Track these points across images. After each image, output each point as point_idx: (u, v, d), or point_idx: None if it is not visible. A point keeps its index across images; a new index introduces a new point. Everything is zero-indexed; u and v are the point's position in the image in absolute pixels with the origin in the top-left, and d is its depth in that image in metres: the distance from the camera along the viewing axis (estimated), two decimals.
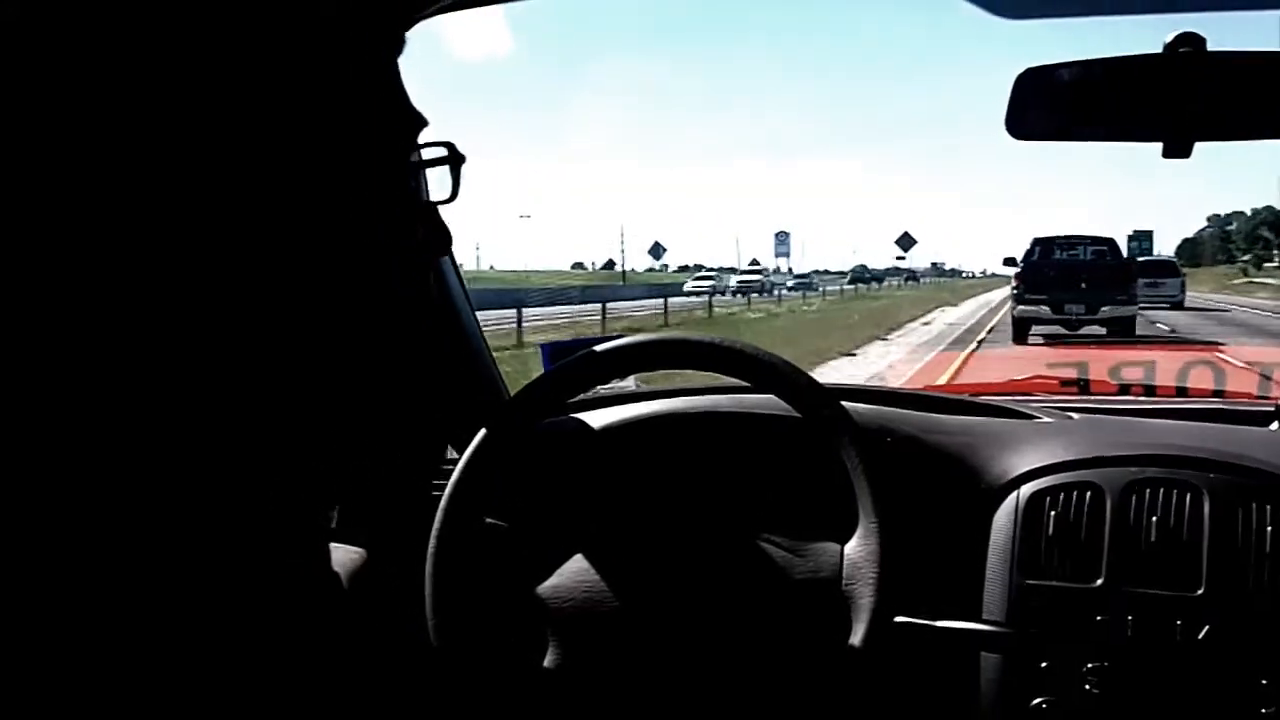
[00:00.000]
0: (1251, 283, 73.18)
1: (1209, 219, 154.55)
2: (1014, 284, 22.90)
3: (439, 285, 1.73)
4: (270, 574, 0.74)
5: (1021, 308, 22.31)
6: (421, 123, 0.81)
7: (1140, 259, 37.34)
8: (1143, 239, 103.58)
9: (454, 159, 0.86)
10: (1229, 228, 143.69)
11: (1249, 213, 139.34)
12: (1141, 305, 25.93)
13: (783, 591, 1.34)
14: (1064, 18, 1.54)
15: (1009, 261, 23.85)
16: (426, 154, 0.86)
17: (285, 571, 0.76)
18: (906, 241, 68.93)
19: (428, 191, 0.87)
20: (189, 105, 0.63)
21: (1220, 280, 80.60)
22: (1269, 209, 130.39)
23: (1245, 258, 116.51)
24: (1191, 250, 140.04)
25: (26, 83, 0.61)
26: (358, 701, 0.87)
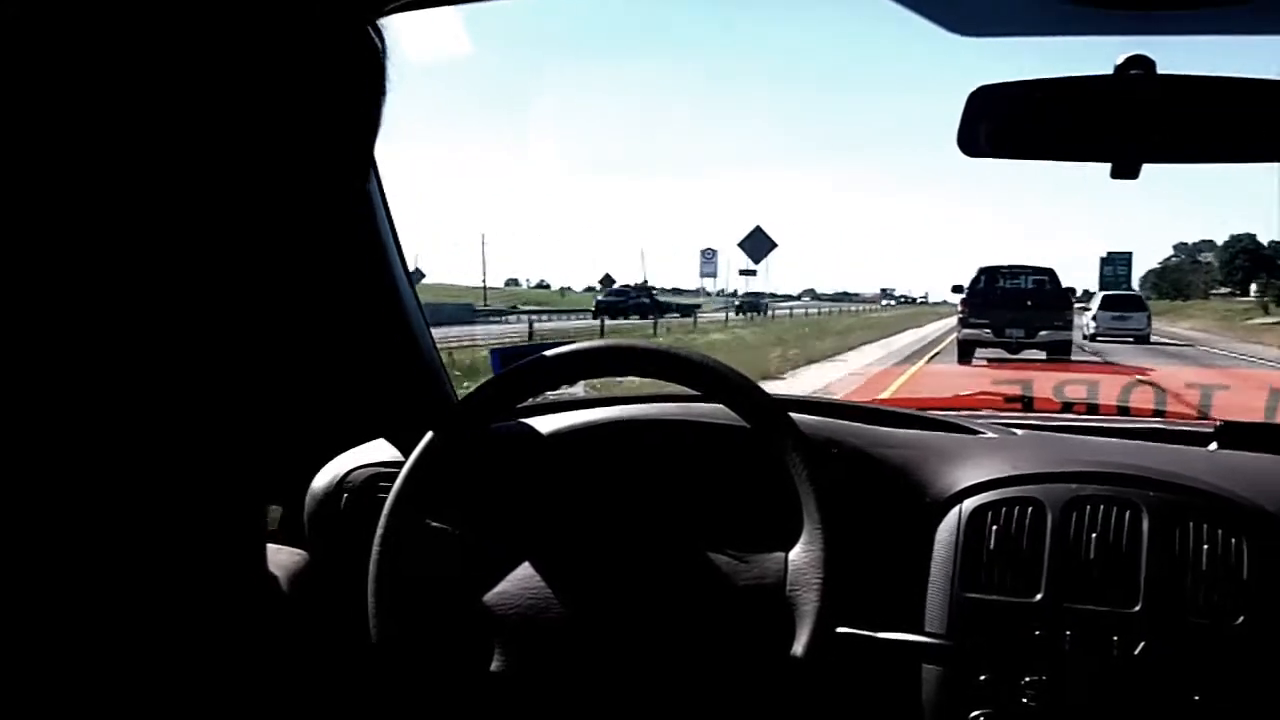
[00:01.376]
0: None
1: (1175, 247, 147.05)
2: (960, 309, 24.84)
3: (388, 289, 1.72)
4: (206, 574, 0.73)
5: (966, 331, 24.22)
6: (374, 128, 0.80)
7: (1106, 292, 37.64)
8: (1118, 263, 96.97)
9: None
10: (1202, 257, 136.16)
11: (1219, 242, 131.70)
12: (1108, 339, 29.25)
13: (727, 598, 1.34)
14: (1019, 36, 1.56)
15: (956, 289, 25.91)
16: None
17: (222, 572, 0.75)
18: (758, 244, 42.77)
19: (369, 190, 0.87)
20: (156, 103, 0.63)
21: (1222, 317, 60.31)
22: (1249, 236, 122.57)
23: (1223, 289, 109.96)
24: (1168, 280, 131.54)
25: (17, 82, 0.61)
26: (299, 703, 0.86)
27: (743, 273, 51.49)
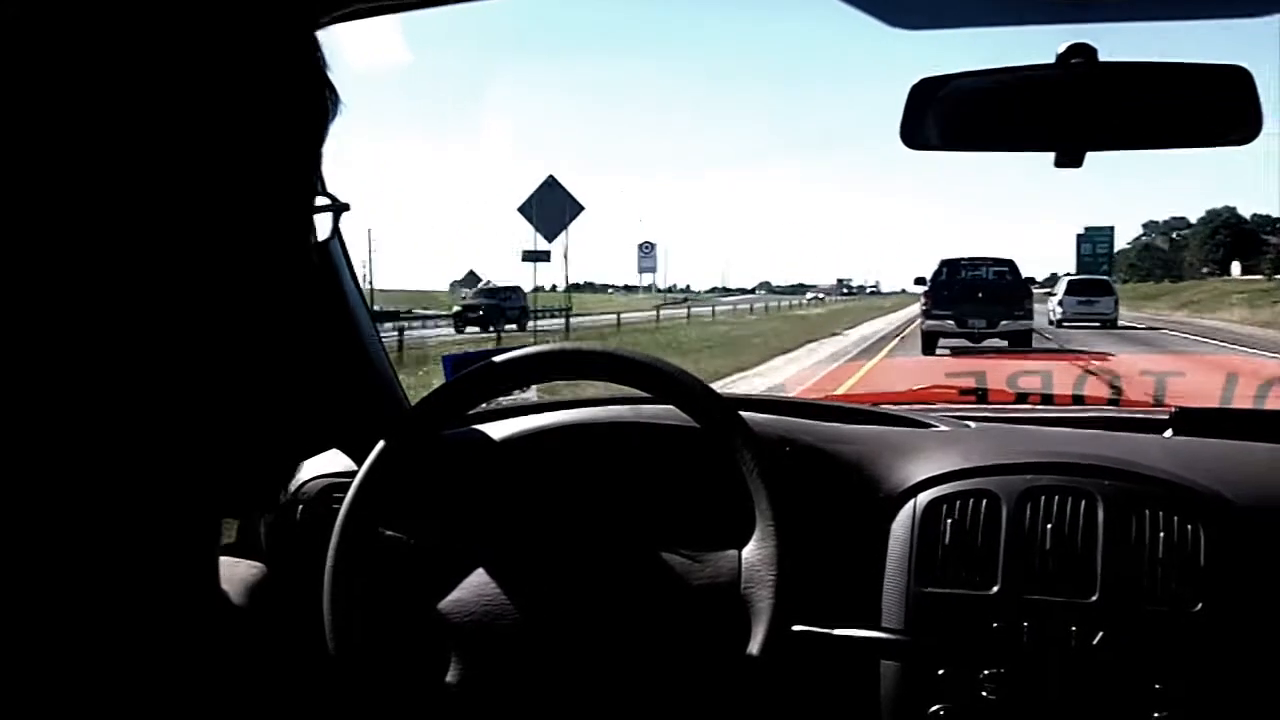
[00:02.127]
0: None
1: (1146, 226, 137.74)
2: (923, 301, 25.58)
3: (336, 295, 1.71)
4: (155, 586, 0.72)
5: (929, 322, 25.00)
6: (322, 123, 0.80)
7: (1071, 277, 37.68)
8: (1097, 240, 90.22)
9: (336, 208, 0.85)
10: (1178, 233, 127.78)
11: (1193, 219, 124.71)
12: (1075, 324, 30.08)
13: (682, 599, 1.34)
14: (956, 28, 1.56)
15: (919, 281, 26.77)
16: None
17: (172, 585, 0.74)
18: (551, 209, 27.11)
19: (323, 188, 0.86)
20: (143, 105, 0.63)
21: (1251, 304, 47.42)
22: (1229, 210, 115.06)
23: (1203, 269, 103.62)
24: (1150, 260, 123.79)
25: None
26: (256, 715, 0.85)
27: (528, 256, 31.99)
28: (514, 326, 39.35)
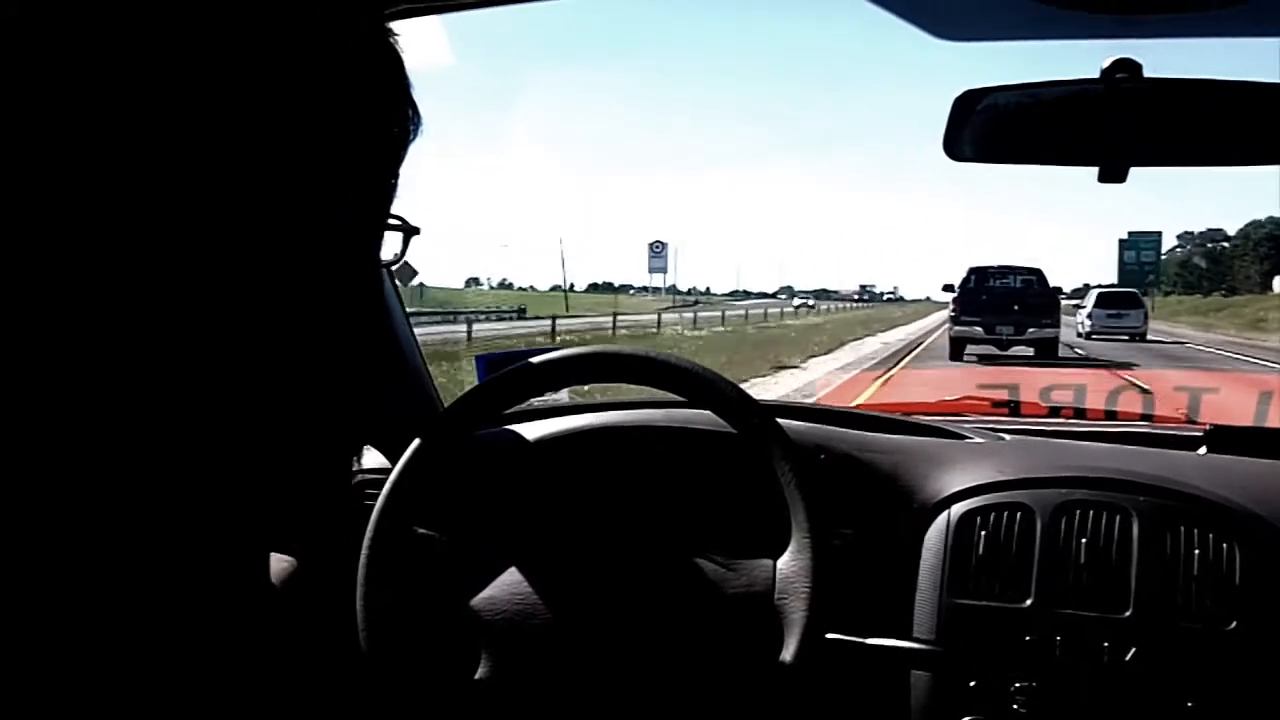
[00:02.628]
0: None
1: (1181, 237, 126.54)
2: (951, 308, 25.83)
3: (370, 292, 1.71)
4: (205, 583, 0.72)
5: (958, 328, 25.24)
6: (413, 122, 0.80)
7: (1100, 289, 37.12)
8: (1142, 246, 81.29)
9: (406, 230, 0.85)
10: (1216, 245, 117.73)
11: (1232, 231, 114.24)
12: (1104, 337, 30.41)
13: (716, 606, 1.33)
14: (1002, 40, 1.55)
15: (947, 288, 27.05)
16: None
17: (221, 581, 0.75)
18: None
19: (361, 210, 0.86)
20: (155, 106, 0.63)
21: None
22: (1272, 221, 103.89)
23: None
24: (1192, 272, 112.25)
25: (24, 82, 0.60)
26: (289, 712, 0.85)
27: None
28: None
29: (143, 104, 0.62)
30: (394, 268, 0.96)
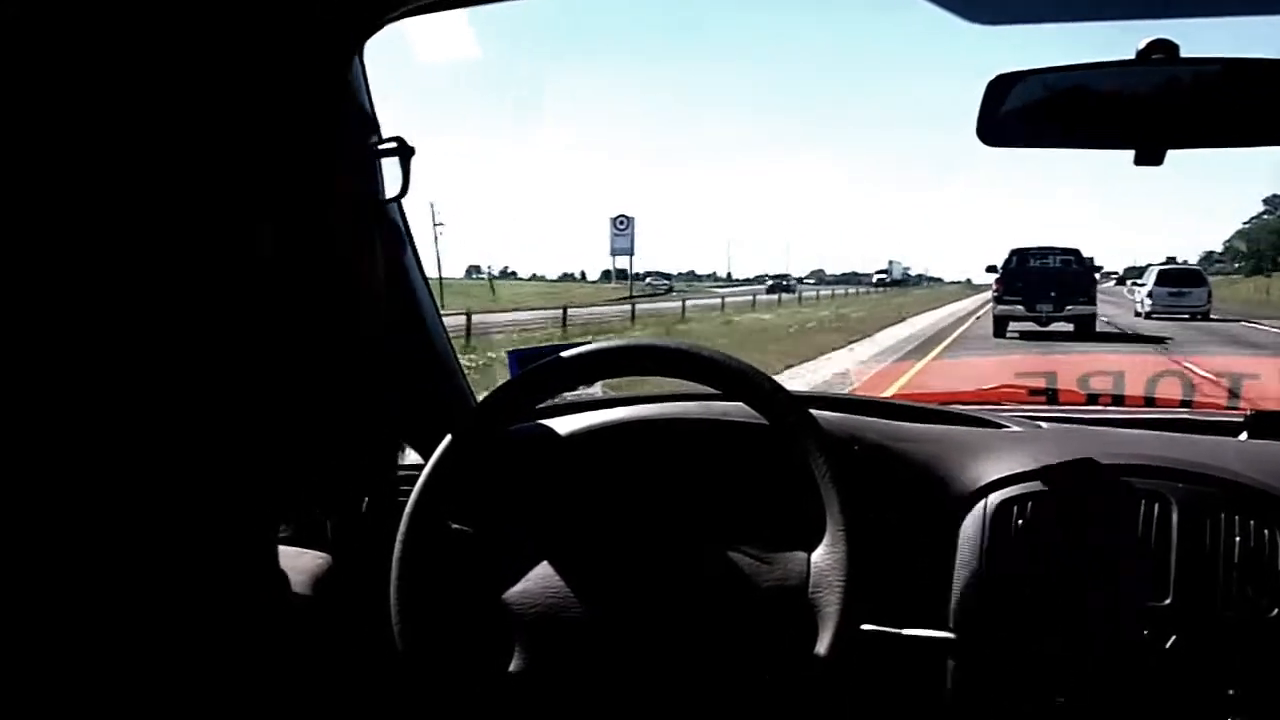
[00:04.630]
0: None
1: (1267, 200, 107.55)
2: (995, 287, 27.79)
3: (403, 287, 1.71)
4: (222, 577, 0.72)
5: (1001, 307, 26.83)
6: (375, 124, 0.80)
7: (1161, 267, 36.32)
8: None
9: (404, 151, 0.85)
10: None
11: None
12: (1165, 316, 30.81)
13: (750, 599, 1.33)
14: (1035, 23, 1.54)
15: (991, 269, 28.33)
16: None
17: (237, 575, 0.75)
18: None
19: (383, 192, 0.86)
20: (159, 100, 0.62)
21: None
22: None
23: None
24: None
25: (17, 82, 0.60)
26: (323, 706, 0.86)
27: None
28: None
29: (148, 103, 0.62)
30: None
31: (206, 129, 0.64)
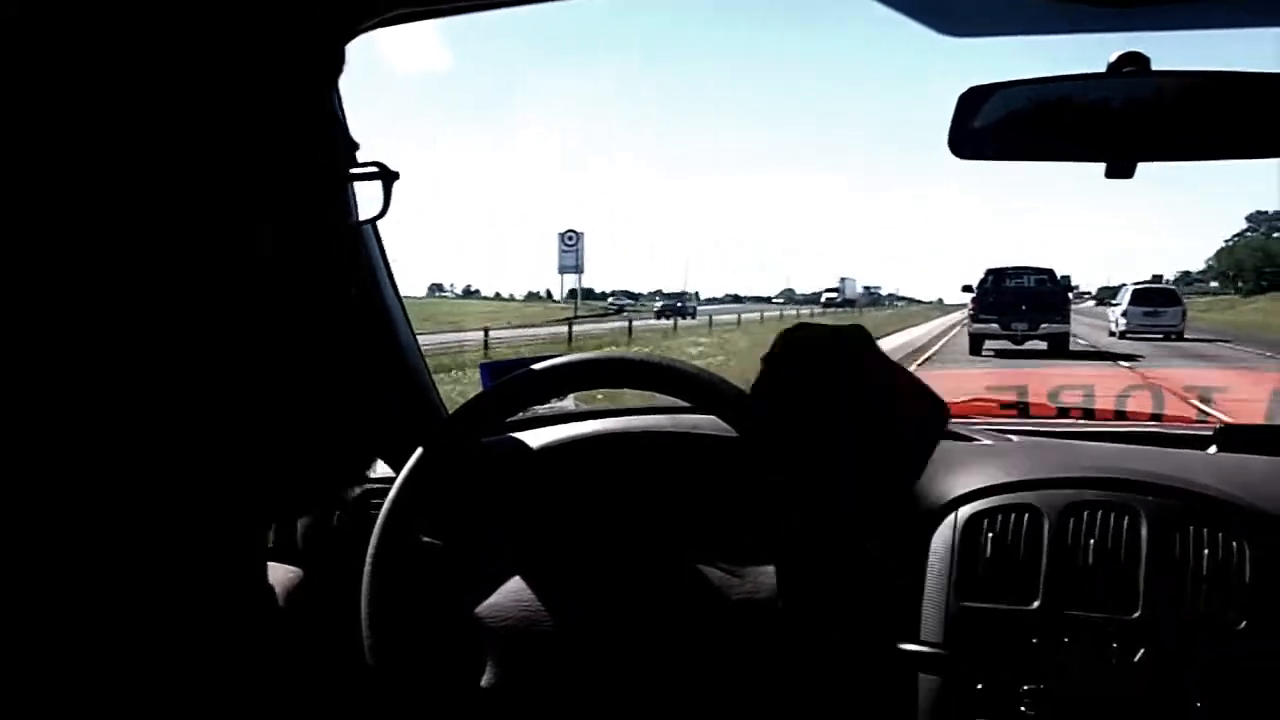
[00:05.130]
0: None
1: (1250, 218, 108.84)
2: (970, 306, 28.71)
3: (376, 302, 1.71)
4: (204, 591, 0.72)
5: (976, 325, 27.72)
6: (353, 145, 0.80)
7: (1136, 286, 36.55)
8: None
9: (385, 176, 0.84)
10: None
11: None
12: (1139, 336, 31.47)
13: (720, 612, 1.33)
14: (1006, 35, 1.54)
15: (966, 289, 29.42)
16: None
17: (220, 589, 0.74)
18: None
19: (357, 211, 0.86)
20: (153, 114, 0.62)
21: None
22: None
23: None
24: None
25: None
26: (294, 717, 0.85)
27: None
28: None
29: (146, 106, 0.61)
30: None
31: (193, 133, 0.64)
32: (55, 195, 0.61)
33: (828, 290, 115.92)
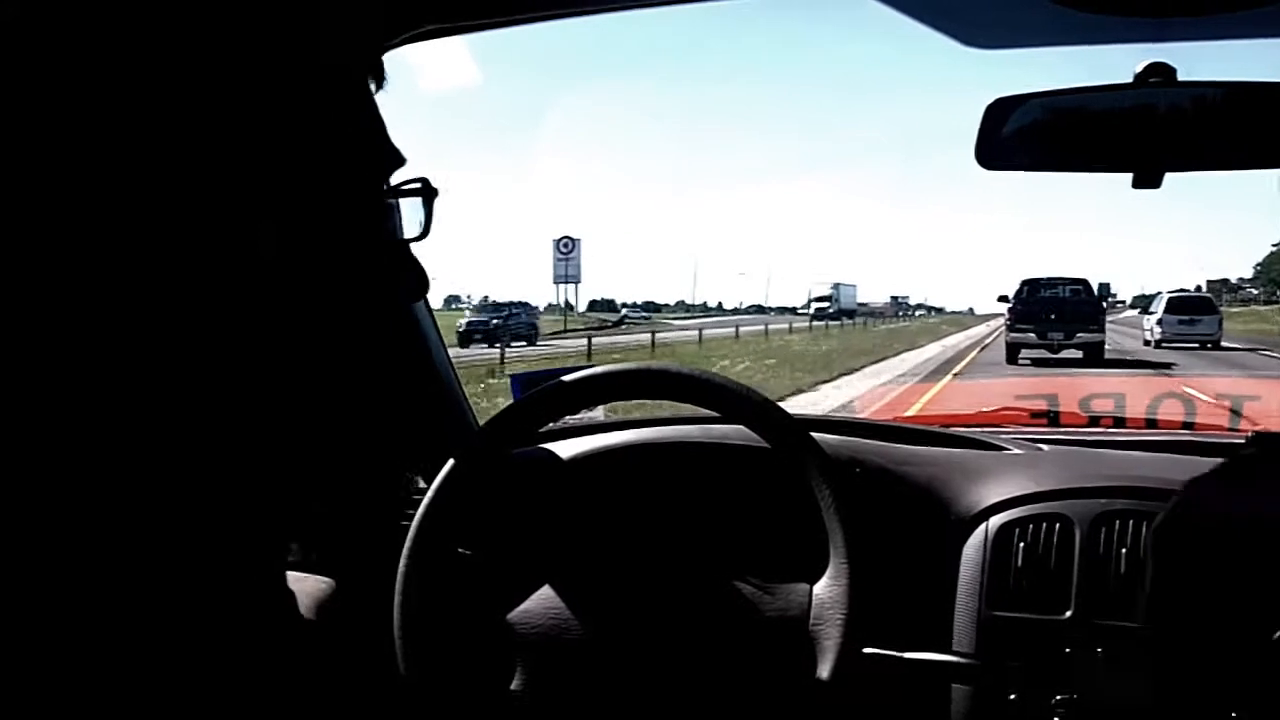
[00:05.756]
0: None
1: None
2: (1007, 316, 29.17)
3: (407, 315, 1.72)
4: (230, 602, 0.73)
5: (1013, 334, 28.03)
6: (399, 160, 0.80)
7: (1171, 294, 36.02)
8: None
9: (427, 193, 0.85)
10: None
11: None
12: (1174, 345, 31.34)
13: (750, 628, 1.33)
14: (1033, 47, 1.54)
15: (1002, 299, 29.86)
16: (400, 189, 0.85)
17: (245, 600, 0.75)
18: None
19: (401, 229, 0.86)
20: (167, 120, 0.62)
21: None
22: None
23: None
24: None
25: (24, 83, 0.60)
26: None
27: None
28: (522, 342, 37.10)
29: (152, 109, 0.62)
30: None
31: (235, 145, 0.65)
32: (102, 207, 0.62)
33: (816, 300, 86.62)
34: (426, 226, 0.86)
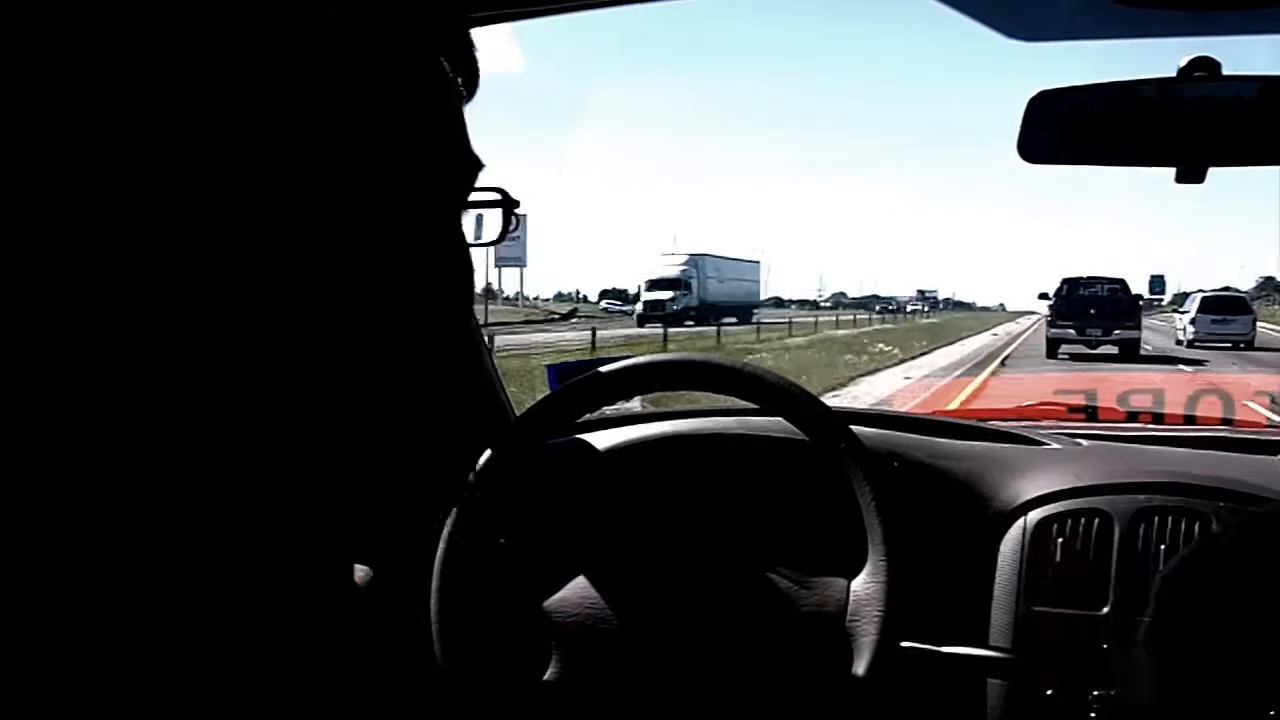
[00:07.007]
0: None
1: None
2: (1048, 313, 30.70)
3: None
4: (286, 592, 0.73)
5: (1053, 330, 29.66)
6: (477, 164, 0.79)
7: (1204, 294, 35.94)
8: None
9: (507, 204, 0.85)
10: None
11: None
12: (1207, 345, 31.52)
13: (787, 622, 1.33)
14: (1077, 40, 1.54)
15: (1043, 296, 31.33)
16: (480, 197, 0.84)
17: (303, 590, 0.75)
18: None
19: (481, 230, 0.86)
20: (218, 117, 0.62)
21: None
22: None
23: None
24: None
25: (27, 83, 0.60)
26: (364, 717, 0.86)
27: None
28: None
29: (162, 111, 0.61)
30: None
31: (217, 134, 0.64)
32: (85, 196, 0.61)
33: (650, 286, 55.19)
34: (504, 232, 0.86)
